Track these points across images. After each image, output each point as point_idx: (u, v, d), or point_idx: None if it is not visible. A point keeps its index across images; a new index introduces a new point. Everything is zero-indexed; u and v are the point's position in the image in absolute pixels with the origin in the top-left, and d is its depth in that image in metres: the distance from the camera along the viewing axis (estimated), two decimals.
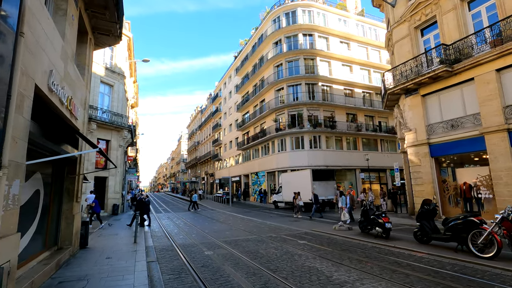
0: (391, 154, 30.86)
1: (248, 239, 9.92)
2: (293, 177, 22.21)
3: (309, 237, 10.10)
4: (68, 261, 6.83)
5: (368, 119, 31.01)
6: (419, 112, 14.27)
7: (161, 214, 20.92)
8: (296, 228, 12.31)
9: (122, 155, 22.73)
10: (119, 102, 22.07)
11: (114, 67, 22.03)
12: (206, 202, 32.93)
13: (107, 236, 10.96)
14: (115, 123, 20.64)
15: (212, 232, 11.88)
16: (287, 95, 28.75)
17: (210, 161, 54.54)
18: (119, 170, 21.40)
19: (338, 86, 29.52)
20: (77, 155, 7.69)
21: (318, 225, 13.15)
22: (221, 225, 14.24)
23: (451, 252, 6.99)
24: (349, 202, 13.75)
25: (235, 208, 25.13)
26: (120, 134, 21.50)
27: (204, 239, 10.27)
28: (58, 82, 5.58)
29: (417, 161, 14.21)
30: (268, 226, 13.44)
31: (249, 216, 17.96)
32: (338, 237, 9.78)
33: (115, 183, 20.97)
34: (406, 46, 15.16)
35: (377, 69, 32.23)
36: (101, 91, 20.83)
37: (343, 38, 30.86)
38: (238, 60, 42.04)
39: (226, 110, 47.06)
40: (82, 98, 7.95)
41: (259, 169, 32.92)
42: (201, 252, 8.02)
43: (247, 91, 38.04)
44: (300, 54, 28.71)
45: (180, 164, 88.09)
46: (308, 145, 27.25)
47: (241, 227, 13.26)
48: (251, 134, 35.24)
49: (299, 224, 13.92)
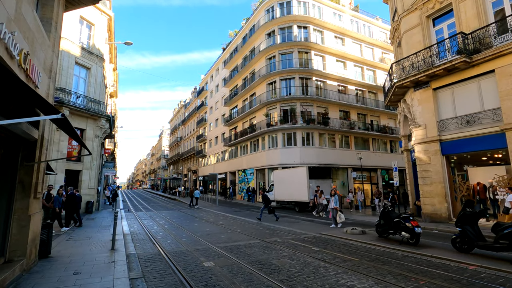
0: (382, 154, 30.38)
1: (251, 245, 8.38)
2: (287, 175, 20.87)
3: (321, 242, 8.72)
4: (18, 280, 5.00)
5: (361, 117, 30.29)
6: (429, 106, 13.30)
7: (142, 213, 18.90)
8: (301, 231, 10.91)
9: (99, 147, 20.42)
10: (96, 88, 19.73)
11: (92, 47, 19.66)
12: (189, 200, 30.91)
13: (77, 240, 9.03)
14: (91, 110, 18.34)
15: (205, 235, 10.23)
16: (279, 88, 27.37)
17: (193, 157, 52.28)
18: (94, 163, 19.13)
19: (332, 82, 28.54)
20: (37, 132, 5.81)
21: (322, 228, 11.84)
22: (213, 226, 12.59)
23: (507, 264, 5.83)
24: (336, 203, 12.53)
25: (222, 207, 23.46)
26: (97, 123, 19.20)
27: (197, 244, 8.62)
28: (4, 20, 3.78)
29: (426, 159, 13.25)
30: (266, 228, 11.96)
31: (240, 216, 16.41)
32: (357, 243, 8.46)
33: (90, 178, 18.68)
34: (416, 36, 14.16)
35: (370, 67, 31.62)
36: (75, 74, 18.45)
37: (337, 33, 29.91)
38: (227, 52, 40.19)
39: (212, 104, 45.05)
40: (46, 62, 6.06)
41: (247, 166, 31.37)
42: (199, 263, 6.40)
43: (235, 85, 36.32)
44: (294, 46, 27.41)
45: (160, 160, 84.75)
46: (301, 142, 26.04)
47: (237, 229, 11.69)
48: (239, 130, 33.60)
49: (300, 226, 12.56)
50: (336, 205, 12.42)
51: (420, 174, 13.62)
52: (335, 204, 12.44)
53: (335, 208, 12.38)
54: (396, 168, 18.97)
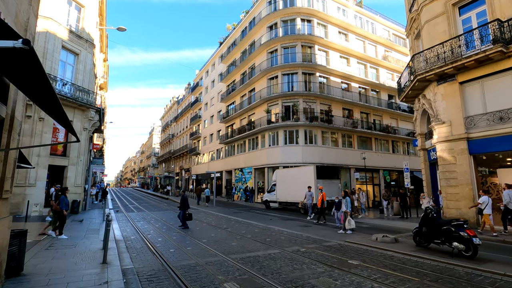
0: (384, 154, 29.50)
1: (272, 256, 7.01)
2: (291, 174, 19.58)
3: (354, 253, 7.43)
4: None
5: (364, 116, 29.31)
6: (455, 102, 12.23)
7: (134, 214, 17.25)
8: (320, 238, 9.61)
9: (87, 141, 18.64)
10: (85, 76, 17.95)
11: (81, 31, 17.87)
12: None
13: (60, 248, 7.45)
14: (79, 99, 16.58)
15: (212, 242, 8.80)
16: (281, 84, 26.07)
17: (186, 155, 50.47)
18: (82, 159, 17.36)
19: (335, 78, 27.43)
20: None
21: (336, 234, 10.58)
22: (217, 231, 11.15)
23: None
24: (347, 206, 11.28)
25: (220, 207, 21.99)
26: (85, 115, 17.43)
27: (207, 254, 7.19)
28: None
29: (450, 159, 12.17)
30: (279, 233, 10.61)
31: (243, 218, 15.01)
32: (398, 255, 7.19)
33: (77, 174, 16.91)
34: (440, 26, 13.07)
35: (373, 65, 30.70)
36: (62, 59, 16.66)
37: (341, 28, 28.83)
38: (224, 46, 38.64)
39: (207, 101, 43.38)
40: (21, 17, 4.53)
41: (245, 165, 29.95)
42: (218, 285, 4.99)
43: (233, 80, 34.83)
44: (297, 40, 26.15)
45: (151, 158, 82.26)
46: (303, 140, 24.81)
47: (246, 234, 10.30)
48: (237, 127, 32.16)
49: (317, 231, 11.26)
50: (347, 209, 11.12)
51: (443, 175, 12.53)
52: (346, 208, 11.15)
53: (346, 212, 11.09)
54: (407, 169, 17.99)
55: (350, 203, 11.15)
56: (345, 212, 11.20)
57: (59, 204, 9.14)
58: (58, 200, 9.27)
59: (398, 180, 30.92)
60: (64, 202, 9.22)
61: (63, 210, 9.16)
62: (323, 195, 14.08)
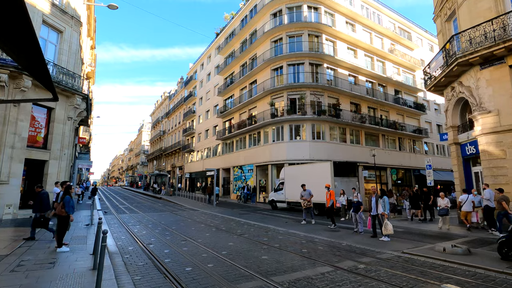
0: (391, 151, 28.15)
1: (331, 279, 5.15)
2: (303, 171, 17.77)
3: (431, 270, 5.65)
4: None
5: (371, 111, 27.86)
6: (505, 88, 10.70)
7: (126, 216, 15.07)
8: (367, 247, 7.82)
9: (71, 132, 16.30)
10: (70, 57, 15.61)
11: (65, 6, 15.50)
12: (178, 199, 27.13)
13: (31, 270, 5.35)
14: (62, 83, 14.24)
15: (236, 254, 6.87)
16: (286, 75, 24.23)
17: (179, 152, 48.07)
18: (65, 152, 15.02)
19: (343, 70, 25.83)
20: None
21: (371, 239, 8.84)
22: (234, 237, 9.20)
23: None
24: (385, 208, 9.54)
25: (221, 208, 20.00)
26: (69, 102, 15.08)
27: (238, 275, 5.26)
28: None
29: (499, 153, 10.63)
30: (310, 241, 8.76)
31: (254, 221, 13.12)
32: (490, 273, 5.47)
33: (59, 170, 14.56)
34: (485, 2, 11.51)
35: (380, 58, 29.30)
36: (42, 36, 14.30)
37: (349, 18, 27.26)
38: (222, 37, 36.49)
39: (202, 95, 41.11)
40: None
41: (245, 162, 27.99)
42: None
43: (231, 72, 32.77)
44: (304, 28, 24.37)
45: (140, 156, 79.06)
46: (310, 135, 23.09)
47: (271, 242, 8.39)
48: (236, 122, 30.14)
49: (351, 237, 9.49)
50: (384, 210, 9.33)
51: (488, 172, 10.98)
52: (383, 209, 9.34)
53: (383, 214, 9.29)
54: (430, 166, 16.50)
55: (389, 203, 9.38)
56: (382, 214, 9.42)
57: (63, 206, 7.04)
58: (62, 201, 7.17)
59: (404, 179, 29.70)
60: (70, 204, 7.13)
61: (70, 214, 7.11)
62: (331, 194, 12.32)
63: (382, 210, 9.08)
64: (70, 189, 7.45)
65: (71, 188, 7.52)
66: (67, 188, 7.40)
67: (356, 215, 10.43)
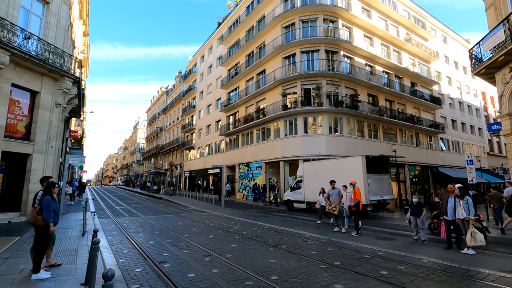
0: (408, 147, 26.28)
1: None
2: (327, 168, 15.69)
3: None
4: None
5: (388, 104, 25.95)
6: None
7: (125, 219, 12.83)
8: (460, 266, 5.80)
9: (60, 121, 14.00)
10: (59, 34, 13.29)
11: None
12: (180, 199, 24.88)
13: None
14: (49, 62, 11.92)
15: (291, 277, 4.77)
16: (300, 62, 22.15)
17: (177, 149, 45.74)
18: (53, 145, 12.71)
19: (359, 59, 23.85)
20: None
21: (474, 257, 6.83)
22: (270, 250, 7.08)
23: None
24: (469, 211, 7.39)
25: (232, 209, 17.87)
26: (58, 85, 12.76)
27: None
28: None
29: None
30: (370, 253, 6.70)
31: (276, 225, 11.06)
32: None
33: (46, 167, 12.23)
34: None
35: (396, 47, 27.42)
36: (25, 6, 11.98)
37: (364, 4, 25.31)
38: (225, 26, 34.25)
39: (203, 88, 38.80)
40: None
41: (253, 158, 25.85)
42: None
43: (236, 63, 30.57)
44: (319, 12, 22.32)
45: (135, 154, 76.34)
46: (327, 129, 21.06)
47: (324, 257, 6.32)
48: (242, 115, 27.97)
49: (428, 251, 7.47)
50: (468, 214, 7.08)
51: None
52: (466, 213, 7.21)
53: (467, 219, 7.20)
54: (471, 161, 14.59)
55: (473, 205, 7.30)
56: (465, 219, 7.21)
57: (40, 211, 4.86)
58: (39, 205, 4.97)
59: (421, 176, 27.88)
60: (49, 208, 4.93)
61: (49, 223, 4.89)
62: (355, 193, 10.09)
63: (466, 214, 7.02)
64: (53, 188, 5.24)
65: (54, 187, 5.30)
66: (49, 186, 5.20)
67: (418, 219, 8.40)
